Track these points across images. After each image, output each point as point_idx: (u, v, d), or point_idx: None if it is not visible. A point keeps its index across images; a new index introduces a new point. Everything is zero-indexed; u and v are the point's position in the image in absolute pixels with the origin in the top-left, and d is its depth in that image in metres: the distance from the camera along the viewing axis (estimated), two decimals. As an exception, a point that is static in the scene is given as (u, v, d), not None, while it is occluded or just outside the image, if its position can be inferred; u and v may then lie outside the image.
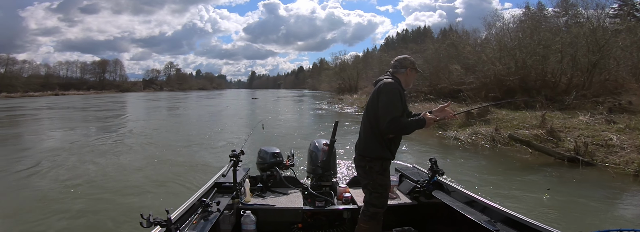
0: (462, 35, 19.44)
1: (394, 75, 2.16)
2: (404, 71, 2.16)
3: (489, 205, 2.14)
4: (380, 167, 2.10)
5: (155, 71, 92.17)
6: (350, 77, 40.23)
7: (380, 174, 2.10)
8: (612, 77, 11.92)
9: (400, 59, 2.20)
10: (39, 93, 51.70)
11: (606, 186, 5.02)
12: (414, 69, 2.20)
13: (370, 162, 2.10)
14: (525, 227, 1.83)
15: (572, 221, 3.78)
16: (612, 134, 6.82)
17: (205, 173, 5.56)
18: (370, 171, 2.10)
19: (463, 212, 2.15)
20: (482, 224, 1.95)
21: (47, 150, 8.05)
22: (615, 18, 14.85)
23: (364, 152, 2.12)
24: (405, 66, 2.16)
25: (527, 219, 1.87)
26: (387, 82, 2.05)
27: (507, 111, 10.48)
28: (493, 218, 2.03)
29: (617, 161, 5.82)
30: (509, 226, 1.92)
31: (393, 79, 2.11)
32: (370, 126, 2.08)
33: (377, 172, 2.09)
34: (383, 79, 2.11)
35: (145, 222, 1.58)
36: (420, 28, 74.05)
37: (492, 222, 1.97)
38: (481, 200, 2.23)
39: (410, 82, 2.22)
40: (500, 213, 2.03)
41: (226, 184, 2.59)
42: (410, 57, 2.24)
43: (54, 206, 4.33)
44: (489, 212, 2.11)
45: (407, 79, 2.19)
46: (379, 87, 2.05)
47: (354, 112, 18.09)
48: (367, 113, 2.13)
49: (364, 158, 2.12)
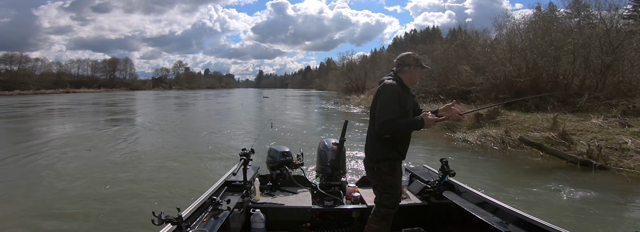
0: (471, 35, 19.24)
1: (397, 74, 2.13)
2: (407, 69, 2.12)
3: (501, 206, 2.10)
4: (388, 168, 2.08)
5: (164, 70, 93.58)
6: (358, 77, 40.09)
7: (389, 174, 2.09)
8: (626, 79, 11.66)
9: (402, 57, 2.15)
10: (50, 91, 52.80)
11: (620, 190, 4.90)
12: (418, 65, 2.14)
13: (377, 163, 2.09)
14: (538, 229, 1.80)
15: (585, 225, 3.71)
16: (626, 137, 6.67)
17: (216, 171, 5.64)
18: (379, 172, 2.09)
19: (474, 213, 2.12)
20: (494, 226, 1.92)
21: (60, 146, 8.24)
22: (629, 19, 14.55)
23: (371, 154, 2.12)
24: (408, 64, 2.12)
25: (539, 220, 1.83)
26: (386, 83, 2.04)
27: (517, 113, 10.33)
28: (505, 220, 1.99)
29: (632, 164, 5.69)
30: (521, 227, 1.88)
31: (395, 78, 2.09)
32: (373, 128, 2.08)
33: (386, 173, 2.08)
34: (384, 80, 2.10)
35: (157, 219, 1.61)
36: (429, 28, 73.55)
37: (504, 223, 1.93)
38: (493, 201, 2.19)
39: (416, 79, 2.17)
40: (513, 214, 1.99)
41: (236, 182, 2.61)
42: (413, 53, 2.18)
43: (66, 202, 4.39)
44: (501, 214, 2.07)
45: (412, 77, 2.14)
46: (378, 89, 2.07)
47: (361, 112, 18.03)
48: (371, 115, 2.13)
49: (372, 160, 2.11)
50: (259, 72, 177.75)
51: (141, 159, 6.90)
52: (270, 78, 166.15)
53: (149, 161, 6.74)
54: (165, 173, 5.80)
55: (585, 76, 12.18)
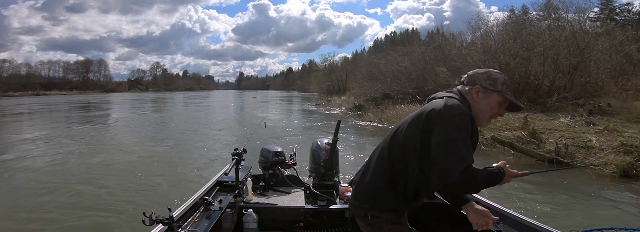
0: (448, 37, 19.71)
1: (463, 94, 1.34)
2: (467, 90, 1.34)
3: (491, 205, 2.13)
4: (393, 216, 1.39)
5: (141, 71, 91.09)
6: (339, 79, 40.39)
7: (393, 223, 1.38)
8: (592, 80, 12.23)
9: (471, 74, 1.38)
10: (19, 93, 50.50)
11: (585, 187, 5.10)
12: (495, 92, 1.31)
13: (380, 212, 1.39)
14: (529, 228, 1.82)
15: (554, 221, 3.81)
16: (591, 135, 6.95)
17: (207, 171, 5.67)
18: (378, 222, 1.38)
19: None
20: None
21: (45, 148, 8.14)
22: (596, 21, 15.28)
23: (367, 202, 1.39)
24: (473, 83, 1.34)
25: (527, 219, 1.86)
26: (454, 104, 1.23)
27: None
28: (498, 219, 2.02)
29: (595, 162, 5.92)
30: (511, 227, 1.91)
31: (461, 100, 1.30)
32: (393, 169, 1.33)
33: (389, 221, 1.38)
34: (443, 97, 1.30)
35: (148, 220, 1.58)
36: (408, 30, 74.86)
37: (495, 223, 1.95)
38: (483, 200, 2.22)
39: (487, 113, 1.33)
40: (503, 214, 2.01)
41: (228, 182, 2.59)
42: (498, 73, 1.35)
43: (55, 203, 4.37)
44: (493, 213, 2.10)
45: (483, 107, 1.32)
46: (437, 110, 1.23)
47: (341, 113, 18.14)
48: (396, 145, 1.33)
49: (372, 208, 1.38)
50: (239, 74, 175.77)
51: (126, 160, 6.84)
52: (251, 80, 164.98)
53: (138, 162, 6.69)
54: (156, 173, 5.79)
55: (555, 77, 12.69)
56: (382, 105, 15.63)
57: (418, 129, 1.25)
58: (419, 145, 1.25)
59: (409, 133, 1.28)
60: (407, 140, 1.28)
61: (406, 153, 1.29)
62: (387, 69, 19.71)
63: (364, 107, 16.87)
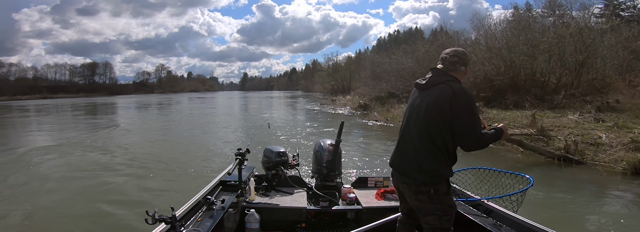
0: (452, 36, 19.61)
1: (451, 74, 1.76)
2: (463, 69, 1.78)
3: (494, 208, 2.13)
4: (447, 188, 1.76)
5: (146, 73, 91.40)
6: (343, 78, 40.24)
7: (447, 194, 1.75)
8: (599, 76, 12.11)
9: (460, 54, 1.78)
10: (26, 96, 50.99)
11: (596, 184, 5.07)
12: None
13: (435, 185, 1.72)
14: (531, 231, 1.82)
15: (564, 220, 3.80)
16: (601, 132, 6.91)
17: (210, 171, 5.69)
18: (437, 194, 1.72)
19: (467, 214, 2.14)
20: (487, 227, 1.94)
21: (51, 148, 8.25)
22: (601, 18, 15.13)
23: (426, 178, 1.72)
24: (465, 63, 1.78)
25: (530, 222, 1.86)
26: (461, 89, 1.68)
27: (497, 111, 10.58)
28: (498, 221, 2.02)
29: (606, 159, 5.89)
30: (514, 229, 1.91)
31: (457, 80, 1.74)
32: (436, 143, 1.69)
33: (445, 193, 1.74)
34: (447, 83, 1.71)
35: (151, 218, 1.60)
36: (412, 29, 74.50)
37: (498, 225, 1.96)
38: (486, 203, 2.22)
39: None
40: (505, 216, 2.02)
41: (231, 182, 2.60)
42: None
43: (59, 201, 4.43)
44: (494, 215, 2.10)
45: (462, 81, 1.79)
46: (456, 94, 1.65)
47: (347, 113, 18.10)
48: (427, 125, 1.70)
49: (427, 183, 1.72)
50: (243, 75, 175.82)
51: (134, 160, 6.90)
52: (255, 80, 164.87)
53: (142, 161, 6.74)
54: (159, 173, 5.82)
55: (561, 74, 12.58)
56: (388, 104, 15.60)
57: (445, 110, 1.65)
58: (448, 122, 1.65)
59: (438, 112, 1.67)
60: (437, 118, 1.67)
61: (442, 129, 1.67)
62: (392, 68, 19.66)
63: (369, 107, 16.83)
